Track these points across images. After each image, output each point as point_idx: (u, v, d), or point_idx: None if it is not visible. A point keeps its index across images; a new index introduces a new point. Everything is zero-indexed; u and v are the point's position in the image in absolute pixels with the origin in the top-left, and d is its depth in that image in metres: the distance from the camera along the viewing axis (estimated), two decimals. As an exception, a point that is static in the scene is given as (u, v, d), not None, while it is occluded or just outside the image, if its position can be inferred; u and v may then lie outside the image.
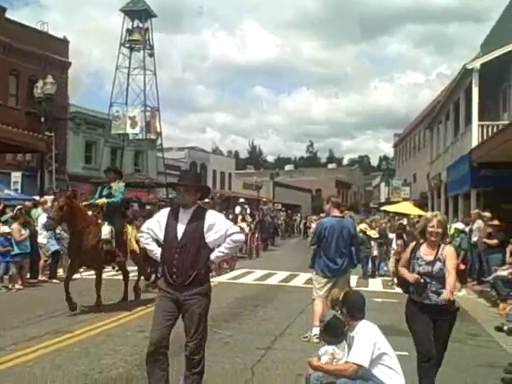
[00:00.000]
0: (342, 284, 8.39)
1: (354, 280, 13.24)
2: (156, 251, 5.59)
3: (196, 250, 5.31)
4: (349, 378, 4.81)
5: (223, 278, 16.71)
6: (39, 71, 33.38)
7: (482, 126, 22.00)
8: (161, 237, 5.50)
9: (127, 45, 45.09)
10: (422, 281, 5.68)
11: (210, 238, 5.36)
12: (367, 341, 4.87)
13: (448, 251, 5.80)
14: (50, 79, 25.15)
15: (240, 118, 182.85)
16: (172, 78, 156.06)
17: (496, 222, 15.35)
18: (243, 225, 22.79)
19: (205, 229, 5.35)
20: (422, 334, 5.72)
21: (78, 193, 35.51)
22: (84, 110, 41.75)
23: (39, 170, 26.34)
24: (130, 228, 11.86)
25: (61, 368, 6.82)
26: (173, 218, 5.45)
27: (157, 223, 5.59)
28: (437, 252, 5.76)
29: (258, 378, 6.63)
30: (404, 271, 5.94)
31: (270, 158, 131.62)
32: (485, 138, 21.03)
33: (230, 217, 23.55)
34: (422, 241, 5.96)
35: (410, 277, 5.75)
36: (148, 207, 26.51)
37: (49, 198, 20.85)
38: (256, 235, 25.31)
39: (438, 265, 5.70)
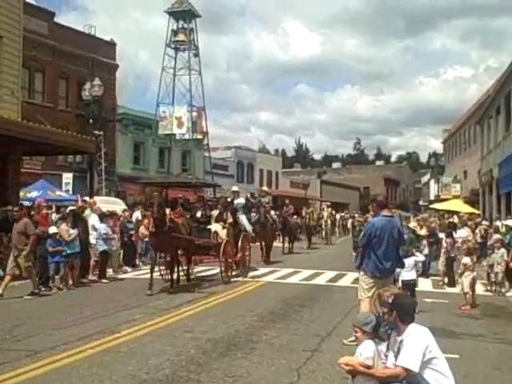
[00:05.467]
0: (388, 284, 8.22)
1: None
2: None
3: None
4: (398, 383, 4.68)
5: (270, 277, 16.66)
6: (88, 74, 34.01)
7: (536, 120, 21.41)
8: None
9: (172, 45, 45.54)
10: None
11: None
12: (418, 344, 4.72)
13: None
14: (97, 81, 25.56)
15: (284, 116, 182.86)
16: (216, 77, 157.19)
17: (550, 220, 14.90)
18: (216, 227, 15.86)
19: None
20: None
21: (127, 193, 36.25)
22: (132, 111, 42.36)
23: (89, 171, 26.84)
24: None
25: (108, 368, 6.87)
26: None
27: None
28: None
29: (304, 380, 6.55)
30: None
31: (317, 156, 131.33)
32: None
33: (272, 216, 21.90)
34: None
35: None
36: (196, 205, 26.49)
37: (98, 198, 21.26)
38: (239, 244, 16.49)
39: None
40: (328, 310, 11.25)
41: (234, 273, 16.05)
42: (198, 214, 16.33)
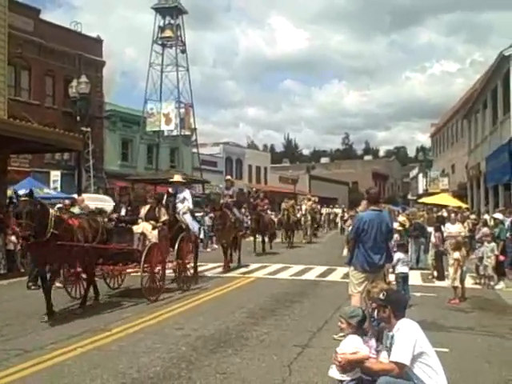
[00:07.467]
0: (378, 279, 8.24)
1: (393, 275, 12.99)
2: None
3: None
4: (392, 377, 4.71)
5: (260, 273, 16.68)
6: (74, 71, 33.83)
7: (522, 114, 21.53)
8: None
9: (159, 42, 45.40)
10: None
11: None
12: (408, 339, 4.76)
13: None
14: (83, 78, 25.42)
15: (272, 112, 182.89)
16: (203, 74, 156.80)
17: (538, 213, 15.00)
18: (144, 227, 12.18)
19: None
20: None
21: (115, 190, 36.13)
22: (119, 107, 42.21)
23: (77, 168, 26.71)
24: None
25: (99, 367, 6.84)
26: None
27: None
28: None
29: (296, 376, 6.55)
30: None
31: (306, 152, 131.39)
32: (525, 125, 20.57)
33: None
34: None
35: None
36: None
37: (86, 195, 21.16)
38: (176, 246, 13.08)
39: None
40: (318, 306, 11.26)
41: (171, 285, 13.26)
42: (123, 212, 12.80)
